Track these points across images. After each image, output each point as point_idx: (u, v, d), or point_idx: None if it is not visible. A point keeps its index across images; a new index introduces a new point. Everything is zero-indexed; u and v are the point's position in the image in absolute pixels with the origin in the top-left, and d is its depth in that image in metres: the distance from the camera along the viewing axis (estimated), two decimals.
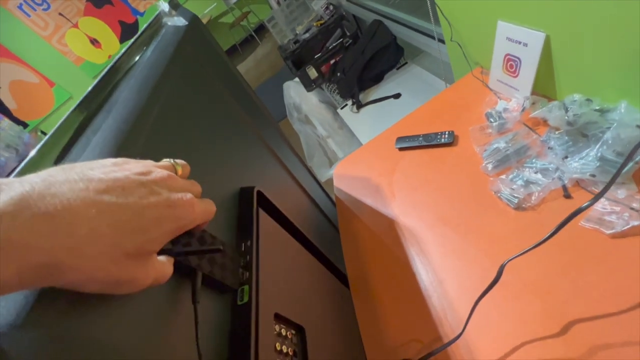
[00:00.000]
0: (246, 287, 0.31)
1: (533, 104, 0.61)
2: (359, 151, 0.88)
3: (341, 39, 1.89)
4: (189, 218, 0.23)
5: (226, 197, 0.39)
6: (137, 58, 0.38)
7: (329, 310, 0.48)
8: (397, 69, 1.68)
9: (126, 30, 4.14)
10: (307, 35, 2.01)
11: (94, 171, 0.20)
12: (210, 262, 0.28)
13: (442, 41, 0.97)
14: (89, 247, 0.17)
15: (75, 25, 4.01)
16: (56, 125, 0.25)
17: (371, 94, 1.69)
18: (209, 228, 0.27)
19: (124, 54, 0.37)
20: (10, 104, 3.87)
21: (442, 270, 0.56)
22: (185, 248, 0.25)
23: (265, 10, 4.79)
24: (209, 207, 0.26)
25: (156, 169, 0.24)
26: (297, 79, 2.14)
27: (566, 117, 0.53)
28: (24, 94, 3.95)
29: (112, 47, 4.16)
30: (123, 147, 0.26)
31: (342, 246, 0.72)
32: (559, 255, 0.47)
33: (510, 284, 0.47)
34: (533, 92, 0.63)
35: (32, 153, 0.24)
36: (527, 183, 0.54)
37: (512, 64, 0.64)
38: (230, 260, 0.31)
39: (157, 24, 0.45)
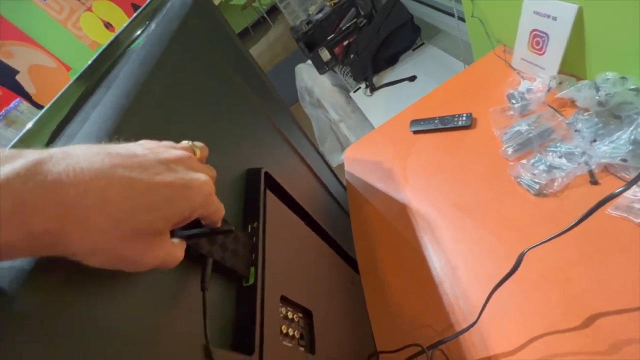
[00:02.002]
0: (252, 269, 0.30)
1: (560, 83, 0.57)
2: (371, 134, 0.86)
3: (355, 19, 1.82)
4: (202, 202, 0.22)
5: (232, 179, 0.38)
6: (139, 32, 0.36)
7: (337, 295, 0.47)
8: (413, 50, 1.61)
9: None
10: (320, 15, 1.94)
11: (115, 148, 0.20)
12: (222, 249, 0.27)
13: (462, 19, 0.92)
14: (96, 218, 0.17)
15: (90, 9, 4.01)
16: (54, 98, 0.24)
17: (385, 76, 1.64)
18: None
19: (126, 28, 0.35)
20: (30, 89, 3.95)
21: (455, 257, 0.54)
22: (197, 230, 0.24)
23: None
24: (221, 208, 0.25)
25: (175, 149, 0.23)
26: (309, 62, 2.09)
27: (597, 97, 0.49)
28: (42, 78, 4.01)
29: None
30: (123, 123, 0.25)
31: (352, 231, 0.71)
32: (582, 244, 0.44)
33: (528, 273, 0.45)
34: (560, 71, 0.59)
35: (29, 125, 0.23)
36: (550, 168, 0.51)
37: (538, 40, 0.60)
38: (242, 246, 0.30)
39: None
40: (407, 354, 0.47)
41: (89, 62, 0.29)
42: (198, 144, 0.26)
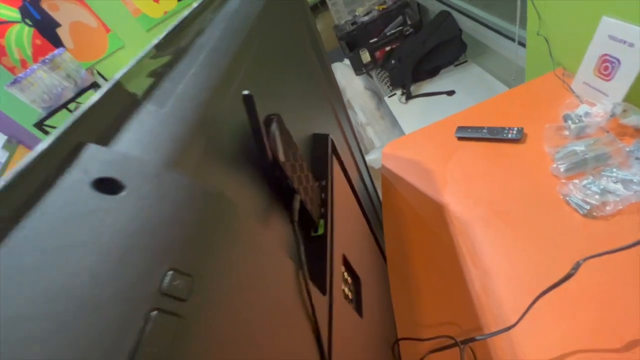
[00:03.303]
0: (321, 221, 0.31)
1: (624, 111, 0.56)
2: (412, 135, 0.86)
3: (401, 27, 1.83)
4: None
5: (300, 141, 0.39)
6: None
7: (375, 275, 0.48)
8: (455, 65, 1.61)
9: None
10: (366, 18, 1.96)
11: None
12: (305, 192, 0.28)
13: (522, 44, 0.92)
14: None
15: None
16: (125, 69, 0.21)
17: (423, 87, 1.64)
18: None
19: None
20: (68, 44, 4.03)
21: (490, 263, 0.53)
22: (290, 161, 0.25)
23: None
24: None
25: None
26: (346, 62, 2.10)
27: None
28: (81, 35, 4.09)
29: (169, 3, 4.23)
30: (217, 94, 0.25)
31: (383, 224, 0.71)
32: (629, 270, 0.44)
33: (570, 289, 0.44)
34: (623, 99, 0.59)
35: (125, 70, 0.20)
36: (604, 191, 0.51)
37: (607, 66, 0.59)
38: (316, 196, 0.31)
39: None
40: (431, 345, 0.47)
41: (168, 30, 0.27)
42: None
